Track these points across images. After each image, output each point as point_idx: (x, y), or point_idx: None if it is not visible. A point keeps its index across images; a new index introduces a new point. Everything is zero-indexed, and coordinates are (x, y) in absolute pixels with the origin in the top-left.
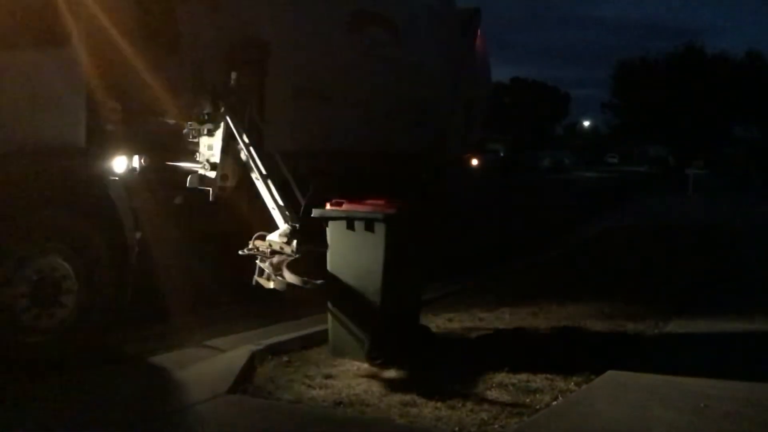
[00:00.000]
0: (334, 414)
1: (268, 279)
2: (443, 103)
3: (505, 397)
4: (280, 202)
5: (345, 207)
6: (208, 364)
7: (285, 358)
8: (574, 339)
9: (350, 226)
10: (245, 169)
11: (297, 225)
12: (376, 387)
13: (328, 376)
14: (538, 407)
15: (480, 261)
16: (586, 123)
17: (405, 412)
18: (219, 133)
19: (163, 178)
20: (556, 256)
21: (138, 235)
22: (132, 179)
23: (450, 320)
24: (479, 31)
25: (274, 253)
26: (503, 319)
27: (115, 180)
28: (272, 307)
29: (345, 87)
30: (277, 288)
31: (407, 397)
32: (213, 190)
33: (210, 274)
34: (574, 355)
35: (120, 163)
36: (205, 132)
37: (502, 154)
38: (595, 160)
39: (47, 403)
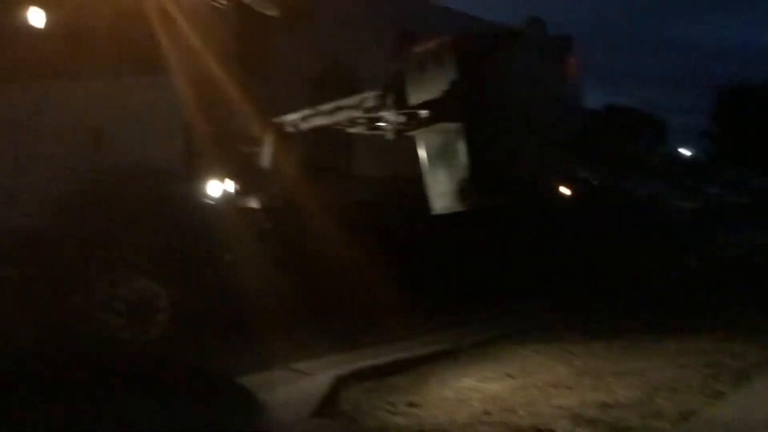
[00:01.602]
0: None
1: None
2: (532, 129)
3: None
4: None
5: None
6: (293, 387)
7: (368, 384)
8: None
9: None
10: None
11: None
12: (460, 416)
13: (411, 404)
14: None
15: (566, 291)
16: (684, 151)
17: None
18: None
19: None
20: (641, 290)
21: (228, 257)
22: (224, 203)
23: (537, 352)
24: (572, 58)
25: None
26: (593, 353)
27: (209, 203)
28: (357, 331)
29: None
30: None
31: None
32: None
33: (297, 297)
34: None
35: (214, 187)
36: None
37: (594, 183)
38: (693, 190)
39: (138, 417)
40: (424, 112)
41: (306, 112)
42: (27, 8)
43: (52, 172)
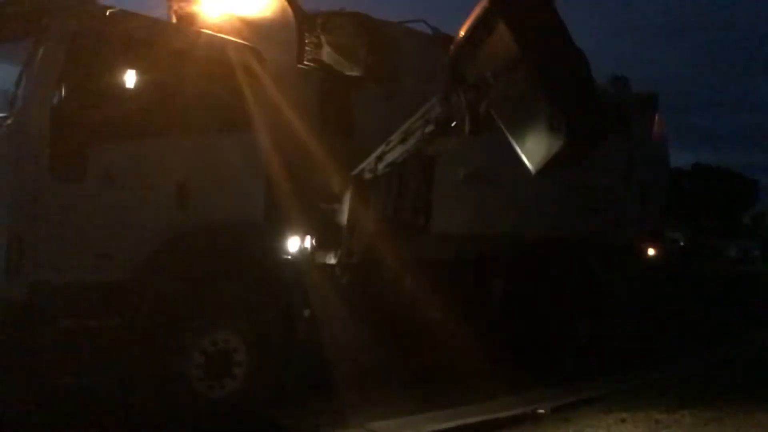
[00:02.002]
0: None
1: None
2: (617, 187)
3: None
4: None
5: None
6: None
7: None
8: None
9: None
10: None
11: None
12: None
13: None
14: None
15: (653, 357)
16: None
17: None
18: None
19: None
20: (741, 358)
21: (307, 312)
22: (303, 258)
23: (623, 420)
24: (656, 115)
25: None
26: (683, 423)
27: (288, 258)
28: (436, 390)
29: (515, 172)
30: None
31: None
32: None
33: (375, 354)
34: None
35: (293, 242)
36: None
37: (682, 243)
38: None
39: None
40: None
41: (380, 149)
42: (120, 69)
43: (139, 226)
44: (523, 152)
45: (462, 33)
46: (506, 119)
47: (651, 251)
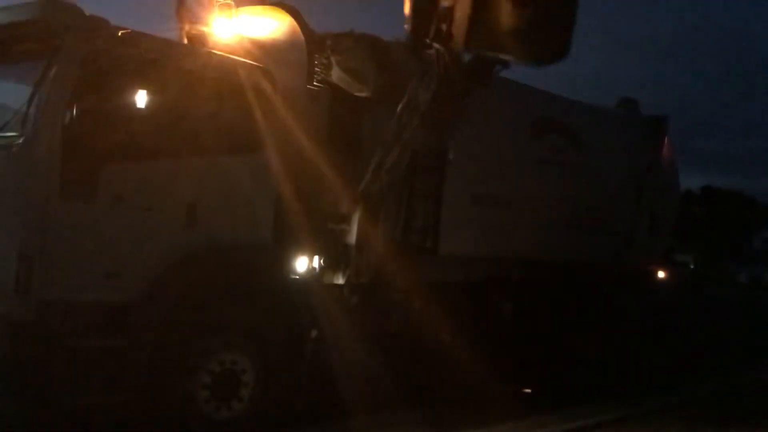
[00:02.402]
0: None
1: None
2: (627, 211)
3: None
4: None
5: None
6: None
7: None
8: None
9: None
10: None
11: None
12: None
13: None
14: None
15: (664, 381)
16: None
17: None
18: None
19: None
20: (753, 384)
21: (315, 333)
22: (312, 278)
23: None
24: (666, 138)
25: None
26: None
27: (296, 278)
28: (445, 413)
29: (524, 194)
30: None
31: None
32: None
33: (384, 377)
34: None
35: (302, 262)
36: None
37: (692, 267)
38: None
39: None
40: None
41: (378, 156)
42: (131, 90)
43: (148, 247)
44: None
45: None
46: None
47: (661, 275)
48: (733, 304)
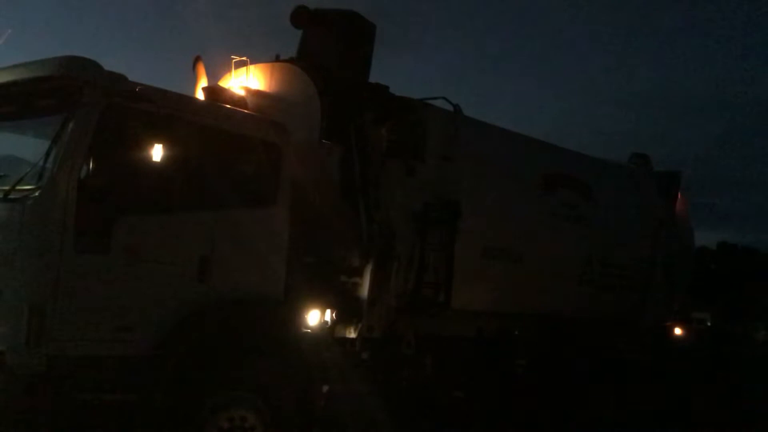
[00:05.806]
0: None
1: None
2: (641, 266)
3: None
4: None
5: None
6: None
7: None
8: None
9: None
10: None
11: None
12: None
13: None
14: None
15: None
16: None
17: None
18: None
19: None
20: None
21: (326, 388)
22: (323, 332)
23: None
24: (679, 194)
25: None
26: None
27: (308, 332)
28: None
29: (535, 248)
30: None
31: None
32: None
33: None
34: None
35: (313, 316)
36: None
37: (709, 324)
38: None
39: None
40: None
41: (362, 205)
42: (146, 144)
43: (160, 300)
44: None
45: None
46: None
47: (678, 332)
48: (753, 363)
